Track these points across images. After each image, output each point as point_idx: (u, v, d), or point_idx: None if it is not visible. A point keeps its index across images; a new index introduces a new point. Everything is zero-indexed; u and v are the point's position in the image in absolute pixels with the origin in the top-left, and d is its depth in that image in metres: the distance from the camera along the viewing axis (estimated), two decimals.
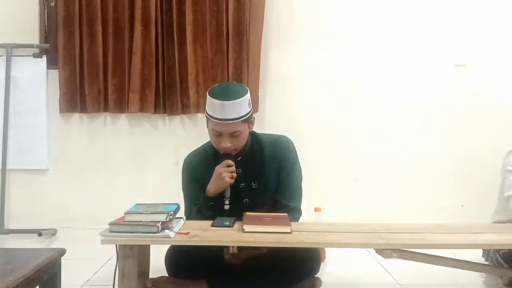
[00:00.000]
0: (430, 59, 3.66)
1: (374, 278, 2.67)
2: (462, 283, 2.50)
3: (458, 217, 3.44)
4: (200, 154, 2.40)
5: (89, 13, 3.53)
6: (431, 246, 1.96)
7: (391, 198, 3.59)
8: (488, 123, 3.65)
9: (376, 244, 1.94)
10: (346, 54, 3.65)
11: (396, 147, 3.66)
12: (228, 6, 3.53)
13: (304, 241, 1.93)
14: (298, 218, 2.32)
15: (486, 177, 3.35)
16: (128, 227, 1.88)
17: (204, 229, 2.02)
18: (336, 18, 3.65)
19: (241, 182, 2.29)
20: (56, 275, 1.79)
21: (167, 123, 3.67)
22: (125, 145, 3.67)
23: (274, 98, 3.65)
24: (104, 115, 3.64)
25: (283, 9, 3.64)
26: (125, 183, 3.62)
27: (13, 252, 1.87)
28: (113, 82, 3.56)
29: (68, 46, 3.54)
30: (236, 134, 2.21)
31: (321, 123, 3.66)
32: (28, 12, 3.57)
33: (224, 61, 3.56)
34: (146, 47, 3.52)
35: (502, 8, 3.64)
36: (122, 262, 1.91)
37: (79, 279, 2.54)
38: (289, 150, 2.36)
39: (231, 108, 2.17)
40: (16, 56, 3.55)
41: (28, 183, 3.62)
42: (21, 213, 3.57)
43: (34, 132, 3.59)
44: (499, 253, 2.46)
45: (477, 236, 2.06)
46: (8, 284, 1.43)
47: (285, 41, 3.65)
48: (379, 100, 3.67)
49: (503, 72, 3.67)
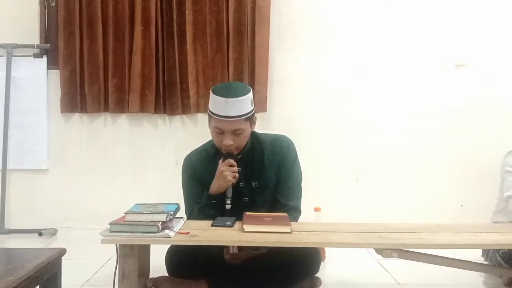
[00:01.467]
0: (430, 59, 3.66)
1: (374, 278, 2.67)
2: (462, 282, 2.50)
3: (458, 217, 3.44)
4: (201, 153, 2.40)
5: (90, 14, 3.53)
6: (431, 246, 1.96)
7: (391, 198, 3.60)
8: (487, 123, 3.65)
9: (376, 244, 1.94)
10: (346, 54, 3.65)
11: (396, 147, 3.66)
12: (228, 6, 3.53)
13: (304, 241, 1.93)
14: (298, 217, 2.32)
15: (486, 177, 3.35)
16: (128, 227, 1.88)
17: (204, 229, 2.02)
18: (336, 18, 3.65)
19: (241, 181, 2.29)
20: (56, 275, 1.79)
21: (167, 123, 3.67)
22: (125, 145, 3.67)
23: (275, 98, 3.65)
24: (104, 115, 3.65)
25: (284, 9, 3.65)
26: (125, 183, 3.62)
27: (14, 252, 1.87)
28: (113, 82, 3.56)
29: (69, 46, 3.54)
30: (238, 132, 2.21)
31: (321, 123, 3.66)
32: (28, 12, 3.58)
33: (225, 61, 3.57)
34: (146, 47, 3.53)
35: (502, 8, 3.65)
36: (122, 262, 1.91)
37: (79, 279, 2.54)
38: (288, 149, 2.36)
39: (234, 106, 2.17)
40: (16, 56, 3.56)
41: (28, 183, 3.62)
42: (22, 213, 3.57)
43: (35, 132, 3.60)
44: (499, 253, 2.45)
45: (476, 236, 2.06)
46: (9, 284, 1.43)
47: (285, 41, 3.65)
48: (379, 100, 3.67)
49: (503, 73, 3.67)
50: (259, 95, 3.52)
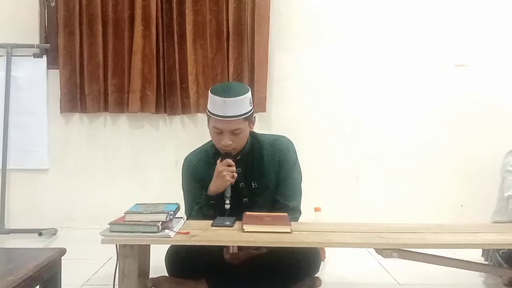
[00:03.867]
0: (430, 59, 3.65)
1: (374, 278, 2.67)
2: (462, 283, 2.50)
3: (457, 217, 3.44)
4: (201, 153, 2.40)
5: (89, 13, 3.53)
6: (431, 246, 1.96)
7: (391, 198, 3.59)
8: (487, 123, 3.65)
9: (376, 244, 1.94)
10: (346, 54, 3.65)
11: (396, 147, 3.66)
12: (228, 6, 3.53)
13: (304, 240, 1.93)
14: (298, 218, 2.32)
15: (486, 177, 3.35)
16: (128, 227, 1.88)
17: (204, 229, 2.02)
18: (336, 18, 3.65)
19: (240, 182, 2.29)
20: (56, 275, 1.79)
21: (167, 123, 3.67)
22: (125, 145, 3.67)
23: (274, 98, 3.65)
24: (104, 115, 3.65)
25: (283, 9, 3.64)
26: (125, 183, 3.62)
27: (14, 252, 1.87)
28: (113, 82, 3.56)
29: (69, 46, 3.54)
30: (237, 132, 2.21)
31: (321, 123, 3.66)
32: (28, 12, 3.57)
33: (224, 61, 3.57)
34: (146, 47, 3.52)
35: (502, 8, 3.64)
36: (122, 262, 1.91)
37: (79, 279, 2.54)
38: (288, 150, 2.36)
39: (232, 105, 2.17)
40: (16, 56, 3.55)
41: (28, 183, 3.62)
42: (22, 212, 3.57)
43: (34, 132, 3.60)
44: (499, 253, 2.46)
45: (476, 236, 2.06)
46: (9, 284, 1.43)
47: (285, 41, 3.65)
48: (379, 100, 3.67)
49: (503, 73, 3.67)
50: (259, 95, 3.52)
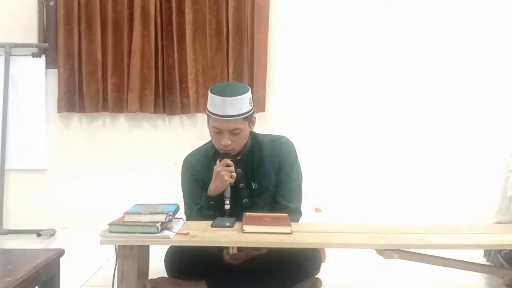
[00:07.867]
0: (430, 58, 3.64)
1: (374, 279, 2.67)
2: (463, 283, 2.50)
3: (458, 217, 3.43)
4: (200, 154, 2.39)
5: (88, 12, 3.51)
6: (432, 247, 1.96)
7: (391, 198, 3.58)
8: (488, 123, 3.64)
9: (376, 245, 1.93)
10: (346, 54, 3.64)
11: (396, 147, 3.65)
12: (228, 5, 3.51)
13: (304, 241, 1.93)
14: (298, 218, 2.31)
15: (486, 177, 3.34)
16: (127, 227, 1.87)
17: (203, 229, 2.01)
18: (336, 18, 3.64)
19: (240, 182, 2.28)
20: (55, 275, 1.79)
21: (167, 123, 3.66)
22: (124, 145, 3.66)
23: (274, 98, 3.64)
24: (103, 115, 3.63)
25: (283, 9, 3.63)
26: (125, 183, 3.60)
27: (12, 253, 1.87)
28: (112, 81, 3.55)
29: (67, 46, 3.52)
30: (236, 132, 2.20)
31: (320, 123, 3.64)
32: (27, 11, 3.56)
33: (224, 60, 3.56)
34: (145, 46, 3.51)
35: (502, 8, 3.63)
36: (121, 262, 1.90)
37: (78, 279, 2.53)
38: (288, 150, 2.35)
39: (232, 105, 2.16)
40: (14, 55, 3.54)
41: (27, 183, 3.61)
42: (20, 213, 3.56)
43: (33, 131, 3.58)
44: (501, 254, 2.45)
45: (478, 236, 2.06)
46: (7, 285, 1.42)
47: (285, 41, 3.64)
48: (379, 100, 3.66)
49: (503, 72, 3.65)
50: (258, 95, 3.51)
